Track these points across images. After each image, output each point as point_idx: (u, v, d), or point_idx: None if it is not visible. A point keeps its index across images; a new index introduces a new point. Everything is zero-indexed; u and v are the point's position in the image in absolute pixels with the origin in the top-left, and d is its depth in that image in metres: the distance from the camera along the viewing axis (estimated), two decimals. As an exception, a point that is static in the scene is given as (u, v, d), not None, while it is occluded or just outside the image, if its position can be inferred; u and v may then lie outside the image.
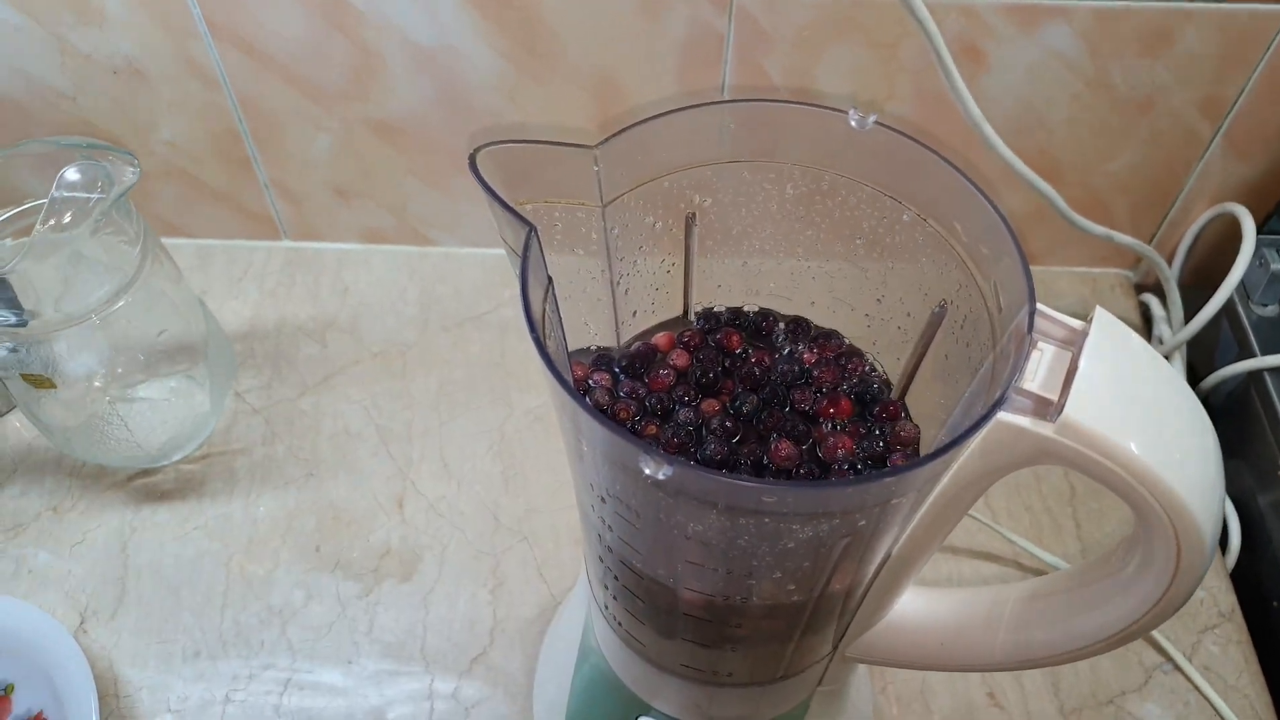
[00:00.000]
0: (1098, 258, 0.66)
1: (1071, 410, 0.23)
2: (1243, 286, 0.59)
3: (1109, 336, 0.24)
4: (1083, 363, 0.23)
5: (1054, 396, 0.23)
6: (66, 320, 0.50)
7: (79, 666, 0.49)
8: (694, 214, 0.31)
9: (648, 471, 0.24)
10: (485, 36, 0.55)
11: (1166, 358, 0.62)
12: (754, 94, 0.56)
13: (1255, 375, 0.56)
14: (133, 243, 0.51)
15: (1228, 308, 0.58)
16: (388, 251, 0.68)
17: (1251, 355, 0.57)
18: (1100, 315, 0.24)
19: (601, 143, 0.29)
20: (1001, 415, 0.23)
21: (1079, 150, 0.59)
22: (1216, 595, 0.54)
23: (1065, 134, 0.58)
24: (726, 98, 0.57)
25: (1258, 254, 0.58)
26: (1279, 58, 0.53)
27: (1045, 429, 0.23)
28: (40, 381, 0.51)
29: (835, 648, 0.35)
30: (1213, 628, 0.53)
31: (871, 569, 0.29)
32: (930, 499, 0.26)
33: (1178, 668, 0.51)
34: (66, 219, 0.49)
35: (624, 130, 0.29)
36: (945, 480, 0.25)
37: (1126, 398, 0.23)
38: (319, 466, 0.58)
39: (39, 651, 0.49)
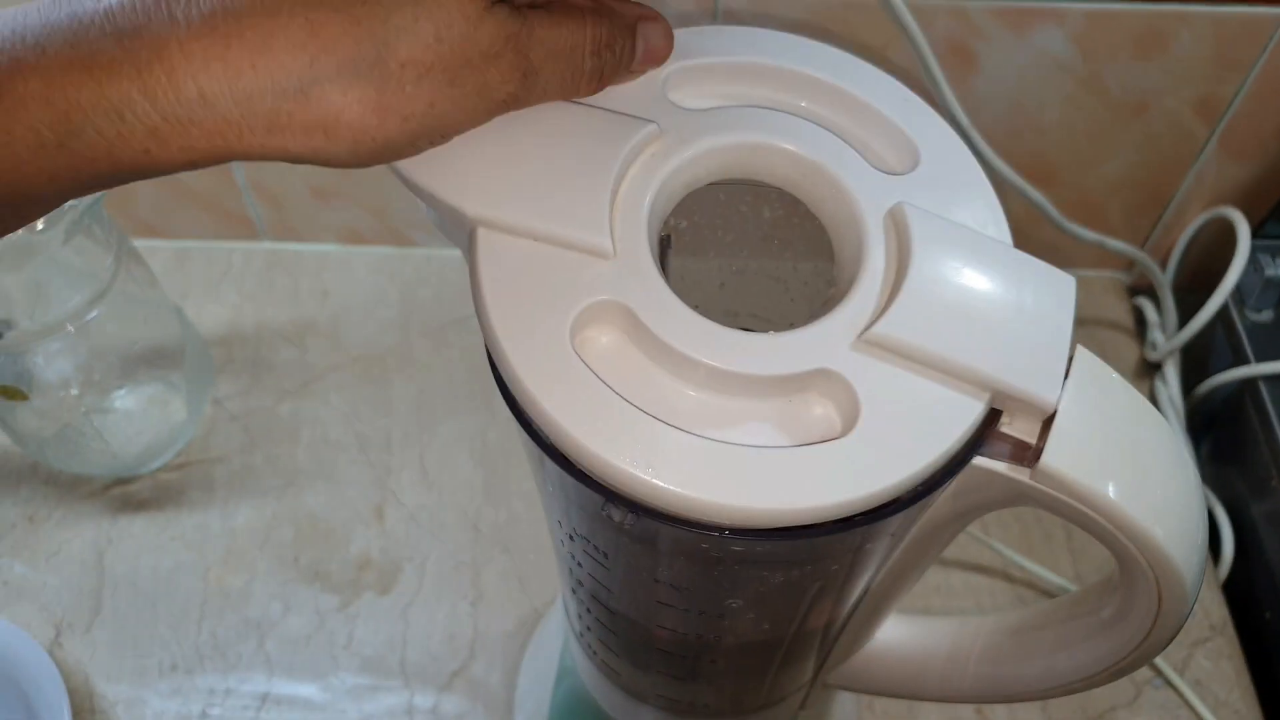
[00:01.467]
0: (1091, 261, 0.65)
1: (1050, 456, 0.22)
2: (1237, 292, 0.58)
3: (1091, 378, 0.23)
4: (1062, 405, 0.22)
5: (1032, 440, 0.22)
6: (43, 330, 0.49)
7: (53, 681, 0.48)
8: (669, 235, 0.30)
9: (614, 518, 0.23)
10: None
11: (1160, 364, 0.61)
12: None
13: (1249, 382, 0.56)
14: (106, 249, 0.50)
15: (1222, 313, 0.58)
16: (368, 253, 0.67)
17: (1246, 362, 0.56)
18: (1081, 355, 0.23)
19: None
20: (978, 460, 0.22)
21: (1072, 153, 0.58)
22: (1208, 608, 0.53)
23: (1058, 136, 0.57)
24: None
25: (1252, 259, 0.57)
26: (1275, 60, 0.52)
27: (1023, 474, 0.22)
28: (12, 393, 0.50)
29: (815, 676, 0.35)
30: (1204, 641, 0.52)
31: (848, 606, 0.28)
32: (905, 541, 0.25)
33: (1169, 683, 0.50)
34: (39, 225, 0.48)
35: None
36: (920, 522, 0.25)
37: (1108, 442, 0.22)
38: (298, 475, 0.57)
39: (12, 666, 0.48)
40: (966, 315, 0.23)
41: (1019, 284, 0.23)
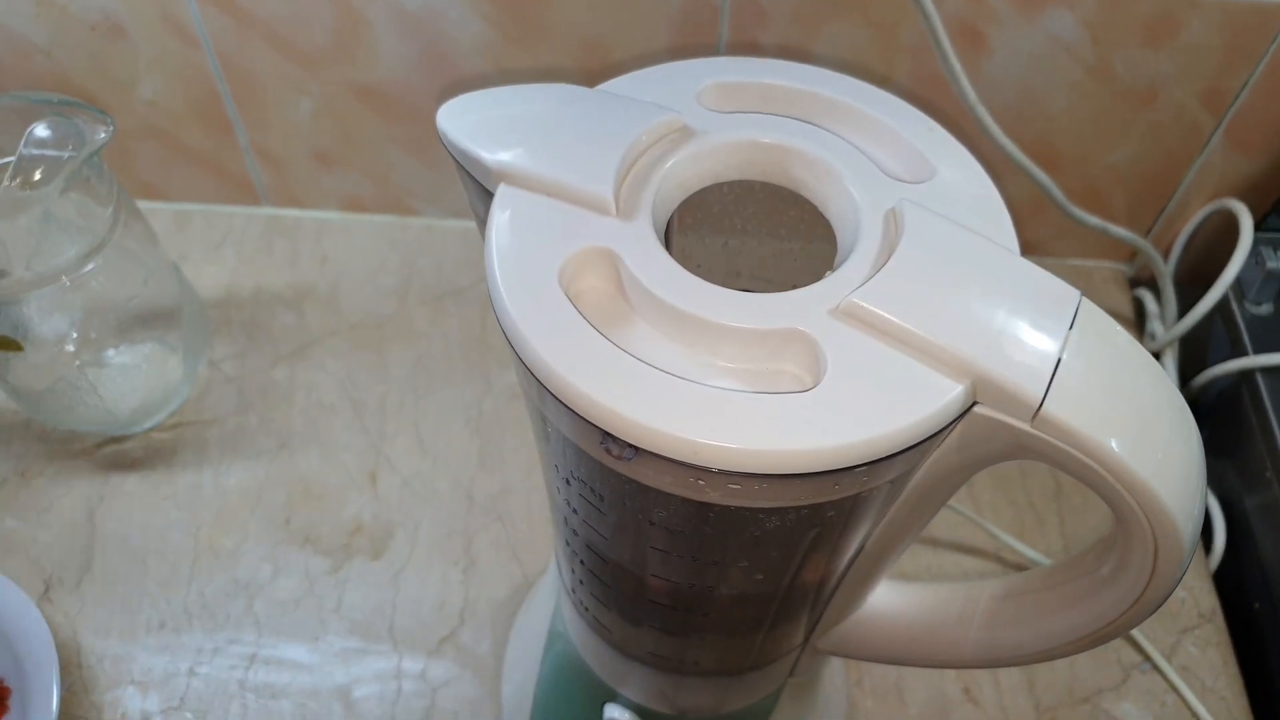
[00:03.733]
0: (1094, 251, 0.65)
1: (1051, 405, 0.22)
2: (1238, 284, 0.58)
3: (1094, 329, 0.23)
4: (1065, 356, 0.22)
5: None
6: (37, 280, 0.48)
7: (41, 634, 0.48)
8: (674, 216, 0.30)
9: (612, 451, 0.23)
10: (472, 2, 0.53)
11: (1159, 354, 0.61)
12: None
13: (1247, 375, 0.56)
14: (105, 204, 0.50)
15: (1222, 305, 0.58)
16: (369, 221, 0.66)
17: (1244, 354, 0.56)
18: (1085, 307, 0.23)
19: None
20: (979, 408, 0.22)
21: (1079, 140, 0.58)
22: (1198, 596, 0.53)
23: (1065, 123, 0.57)
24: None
25: (1254, 252, 0.57)
26: (1285, 51, 0.52)
27: (1024, 423, 0.22)
28: (7, 343, 0.50)
29: (807, 639, 0.34)
30: (1193, 629, 0.52)
31: (844, 561, 0.28)
32: (905, 491, 0.25)
33: (1156, 668, 0.50)
34: (36, 176, 0.47)
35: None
36: (921, 472, 0.24)
37: (1109, 394, 0.22)
38: (291, 439, 0.57)
39: (1, 618, 0.48)
40: (951, 301, 0.23)
41: (1015, 286, 0.23)
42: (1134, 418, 0.22)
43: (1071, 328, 0.22)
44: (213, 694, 0.49)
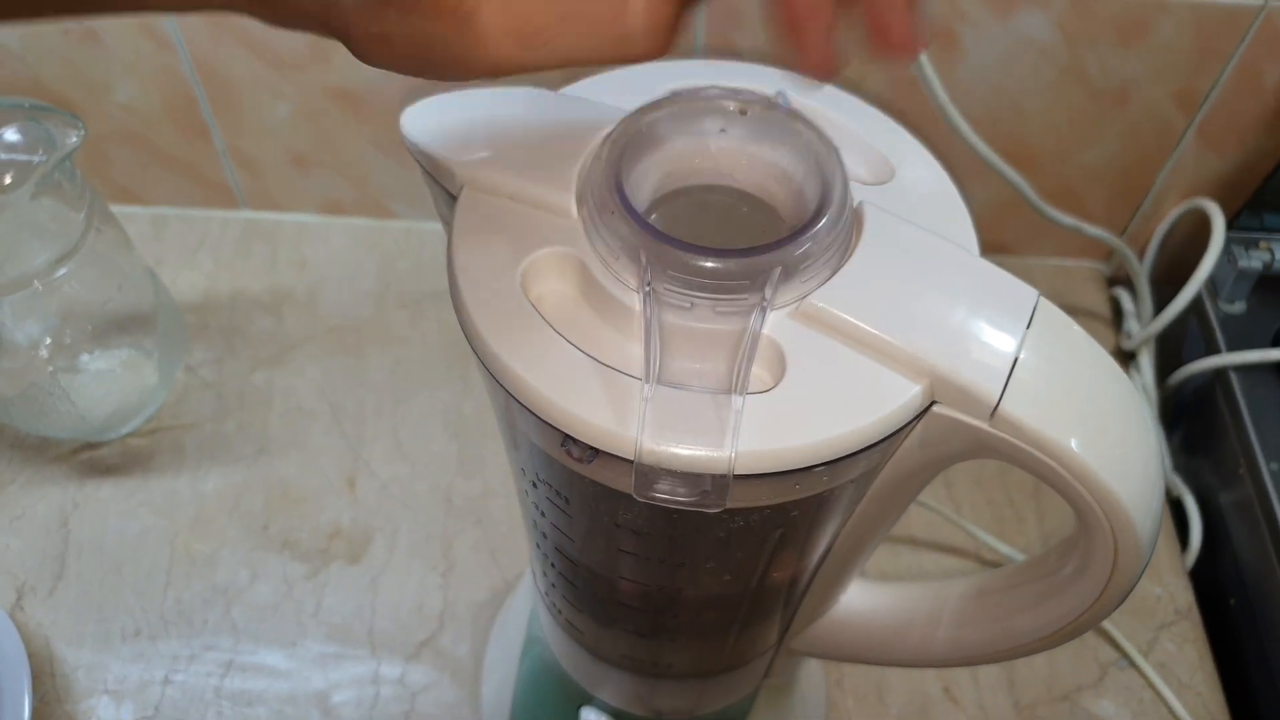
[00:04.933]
0: (1071, 250, 0.65)
1: (1009, 403, 0.22)
2: (1211, 283, 0.58)
3: (1051, 328, 0.23)
4: (1022, 354, 0.22)
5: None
6: (8, 285, 0.48)
7: (13, 644, 0.47)
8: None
9: (573, 454, 0.23)
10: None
11: (1134, 353, 0.61)
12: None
13: (1220, 373, 0.56)
14: (77, 208, 0.49)
15: (1195, 304, 0.58)
16: (347, 224, 0.66)
17: (1217, 352, 0.56)
18: (1043, 305, 0.23)
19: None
20: (938, 407, 0.22)
21: (1053, 140, 0.58)
22: (1174, 593, 0.53)
23: (1040, 123, 0.57)
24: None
25: (1226, 250, 0.57)
26: (1252, 52, 0.52)
27: (983, 421, 0.22)
28: (-22, 349, 0.50)
29: (780, 641, 0.35)
30: (1169, 625, 0.52)
31: (813, 560, 0.28)
32: (871, 490, 0.25)
33: (1133, 664, 0.51)
34: (6, 180, 0.47)
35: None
36: (885, 471, 0.25)
37: (1067, 392, 0.22)
38: (270, 444, 0.56)
39: (-28, 627, 0.48)
40: (908, 302, 0.23)
41: (973, 286, 0.23)
42: (1092, 416, 0.22)
43: (1029, 326, 0.23)
44: (188, 702, 0.48)
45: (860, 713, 0.49)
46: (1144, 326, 0.60)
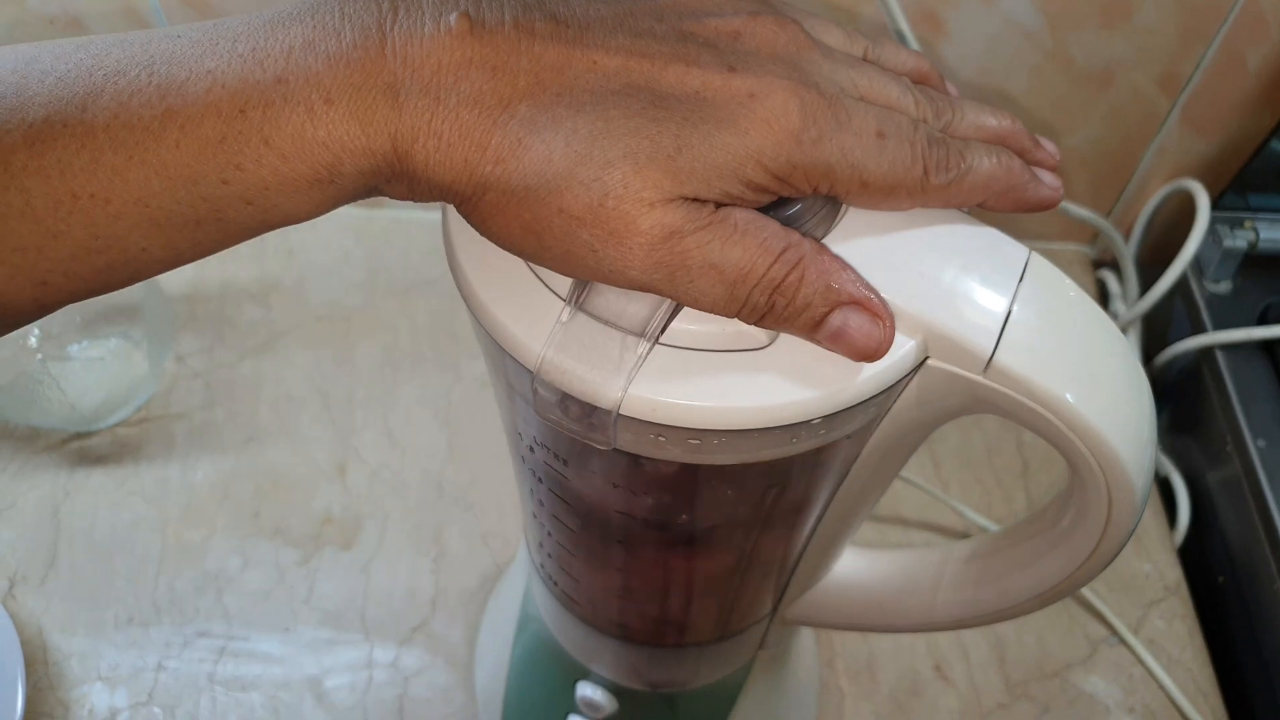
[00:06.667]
0: (1056, 233, 0.66)
1: (1003, 355, 0.22)
2: (1196, 263, 0.59)
3: (1043, 282, 0.23)
4: (1015, 308, 0.22)
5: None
6: (-5, 276, 0.48)
7: (6, 633, 0.47)
8: None
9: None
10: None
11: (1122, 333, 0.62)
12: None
13: (1206, 352, 0.57)
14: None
15: (1181, 284, 0.59)
16: (335, 213, 0.66)
17: (1203, 331, 0.57)
18: (1035, 261, 0.23)
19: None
20: (932, 361, 0.23)
21: (1038, 123, 0.59)
22: (1163, 570, 0.54)
23: (1025, 106, 0.58)
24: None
25: (1211, 230, 0.58)
26: (1234, 34, 0.53)
27: (977, 374, 0.22)
28: (-34, 338, 0.49)
29: (775, 608, 0.35)
30: (1159, 602, 0.53)
31: (808, 521, 0.28)
32: (868, 447, 0.26)
33: (1123, 641, 0.51)
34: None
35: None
36: (882, 426, 0.25)
37: (1059, 343, 0.23)
38: (259, 432, 0.56)
39: (-38, 617, 0.48)
40: (901, 258, 0.23)
41: (965, 243, 0.23)
42: (1084, 366, 0.23)
43: (1021, 281, 0.23)
44: (182, 688, 0.48)
45: (853, 692, 0.50)
46: (1130, 307, 0.61)
